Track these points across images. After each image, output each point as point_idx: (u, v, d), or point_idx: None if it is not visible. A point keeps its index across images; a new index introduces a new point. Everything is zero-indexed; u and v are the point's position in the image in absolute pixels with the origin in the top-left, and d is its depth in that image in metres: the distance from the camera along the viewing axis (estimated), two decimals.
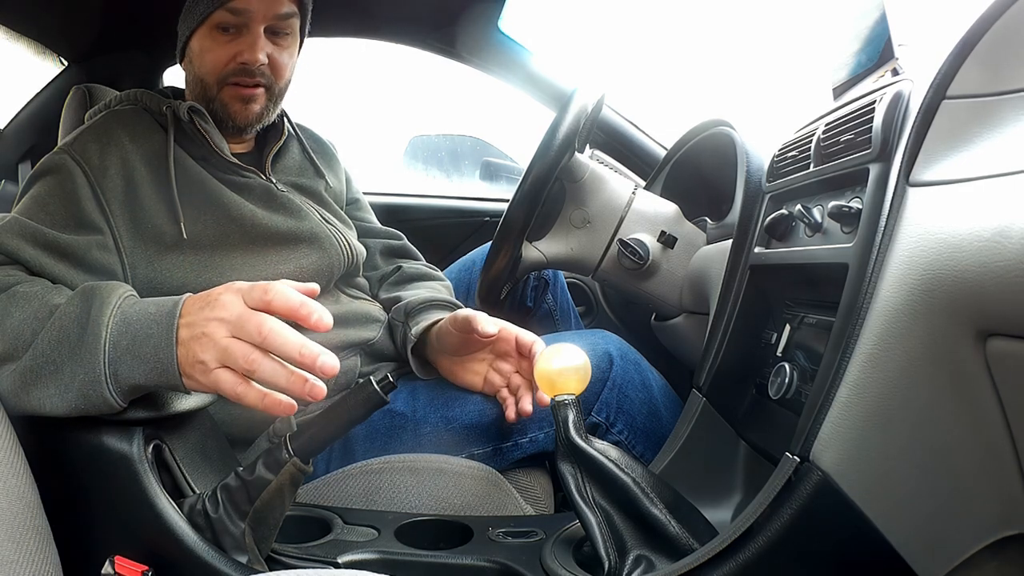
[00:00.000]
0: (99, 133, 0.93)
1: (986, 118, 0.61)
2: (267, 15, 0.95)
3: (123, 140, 0.93)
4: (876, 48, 0.84)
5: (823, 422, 0.63)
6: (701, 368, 0.95)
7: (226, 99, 0.98)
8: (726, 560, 0.65)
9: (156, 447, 0.75)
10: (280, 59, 0.99)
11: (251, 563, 0.74)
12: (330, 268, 1.05)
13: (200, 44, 0.97)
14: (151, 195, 0.92)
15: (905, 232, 0.61)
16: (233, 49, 0.96)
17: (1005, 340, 0.53)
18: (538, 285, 1.38)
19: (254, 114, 1.00)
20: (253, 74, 0.97)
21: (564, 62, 1.71)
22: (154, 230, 0.92)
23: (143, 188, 0.92)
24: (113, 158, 0.91)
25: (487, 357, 1.00)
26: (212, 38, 0.96)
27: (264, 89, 1.00)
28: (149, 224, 0.91)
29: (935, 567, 0.62)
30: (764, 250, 0.88)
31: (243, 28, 0.96)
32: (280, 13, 0.96)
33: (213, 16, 0.95)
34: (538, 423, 0.99)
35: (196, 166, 0.97)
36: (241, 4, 0.94)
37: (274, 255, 0.99)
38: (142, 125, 0.96)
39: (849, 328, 0.62)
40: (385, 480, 0.93)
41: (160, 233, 0.92)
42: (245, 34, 0.96)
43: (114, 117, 0.96)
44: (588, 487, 0.74)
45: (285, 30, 0.99)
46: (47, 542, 0.64)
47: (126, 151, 0.92)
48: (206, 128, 0.98)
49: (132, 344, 0.69)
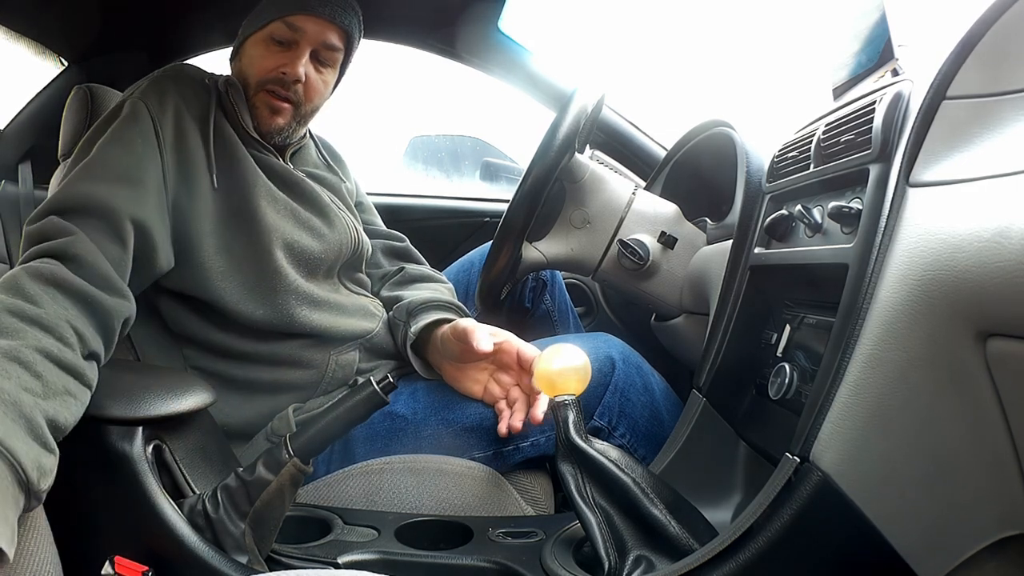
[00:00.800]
0: (157, 87, 0.99)
1: (986, 118, 0.61)
2: (316, 40, 1.05)
3: (176, 96, 1.00)
4: (876, 48, 0.84)
5: (823, 422, 0.63)
6: (701, 368, 0.95)
7: (258, 103, 1.06)
8: (726, 560, 0.65)
9: (156, 447, 0.75)
10: (315, 82, 1.07)
11: (251, 563, 0.74)
12: (339, 245, 1.08)
13: (253, 48, 1.06)
14: (195, 147, 0.99)
15: (905, 232, 0.61)
16: (279, 60, 1.04)
17: (1005, 340, 0.53)
18: (536, 286, 1.38)
19: (278, 125, 1.07)
20: (287, 87, 1.05)
21: (564, 62, 1.71)
22: (193, 179, 0.98)
23: (189, 139, 0.98)
24: (169, 107, 0.98)
25: (488, 367, 1.01)
26: (265, 46, 1.05)
27: (292, 106, 1.07)
28: (190, 172, 0.97)
29: (935, 567, 0.62)
30: (764, 250, 0.88)
31: (293, 44, 1.05)
32: (328, 42, 1.06)
33: (271, 26, 1.04)
34: (539, 426, 0.99)
35: (231, 131, 1.04)
36: (299, 22, 1.03)
37: (291, 219, 1.04)
38: (191, 89, 1.03)
39: (849, 328, 0.62)
40: (385, 481, 0.93)
41: (197, 182, 0.98)
42: (293, 49, 1.05)
43: (166, 77, 1.03)
44: (588, 487, 0.74)
45: (328, 61, 1.08)
46: (47, 542, 0.64)
47: (179, 105, 0.99)
48: (237, 101, 1.05)
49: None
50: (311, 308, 1.03)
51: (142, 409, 0.74)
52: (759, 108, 1.31)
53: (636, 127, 1.72)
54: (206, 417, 0.85)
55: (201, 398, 0.80)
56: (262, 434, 1.01)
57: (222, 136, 1.02)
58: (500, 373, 1.00)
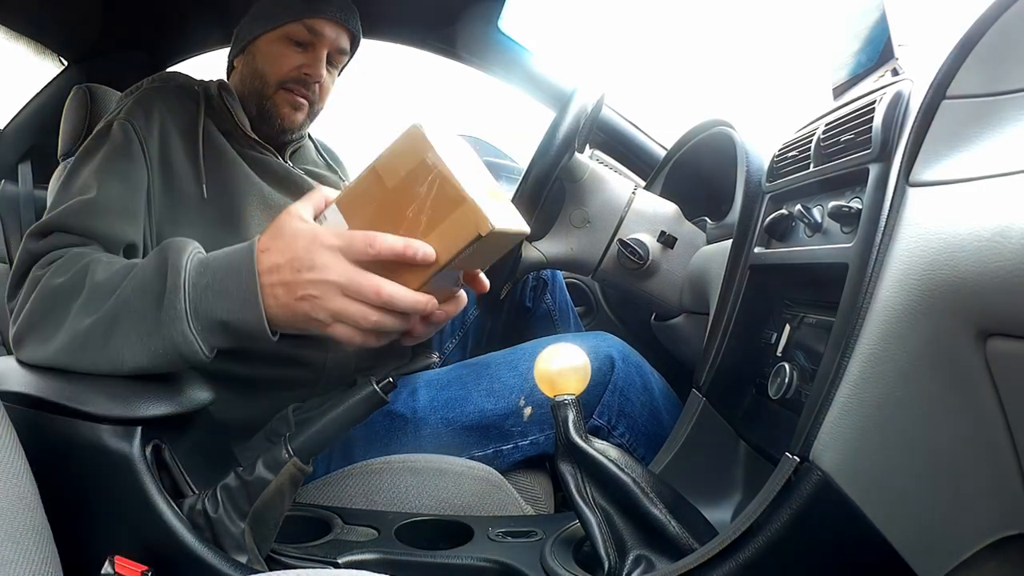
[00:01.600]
0: (142, 102, 1.00)
1: (986, 118, 0.61)
2: (333, 44, 1.09)
3: (162, 110, 1.01)
4: (876, 48, 0.83)
5: (823, 422, 0.63)
6: (701, 368, 0.95)
7: (279, 101, 1.09)
8: (726, 560, 0.65)
9: (156, 447, 0.75)
10: (327, 84, 1.12)
11: (251, 563, 0.74)
12: None
13: (270, 46, 1.08)
14: (181, 160, 0.99)
15: (905, 232, 0.61)
16: (300, 60, 1.07)
17: (1005, 340, 0.53)
18: (537, 285, 1.39)
19: (298, 121, 1.10)
20: (308, 87, 1.09)
21: (564, 62, 1.71)
22: (180, 192, 0.98)
23: (176, 154, 0.99)
24: (155, 124, 0.99)
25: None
26: (285, 44, 1.07)
27: (308, 104, 1.11)
28: (177, 186, 0.98)
29: (935, 567, 0.62)
30: (764, 250, 0.88)
31: (310, 46, 1.08)
32: (341, 47, 1.10)
33: (290, 27, 1.06)
34: (539, 425, 0.99)
35: (221, 137, 1.04)
36: (318, 26, 1.06)
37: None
38: (177, 100, 1.04)
39: (849, 328, 0.62)
40: (385, 480, 0.93)
41: (186, 195, 0.98)
42: (312, 51, 1.08)
43: (153, 92, 1.03)
44: (588, 487, 0.74)
45: (337, 63, 1.13)
46: (47, 542, 0.63)
47: (164, 120, 1.00)
48: (232, 104, 1.07)
49: (212, 280, 0.71)
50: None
51: (141, 409, 0.73)
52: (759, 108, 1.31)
53: (636, 127, 1.72)
54: (205, 417, 0.85)
55: (200, 397, 0.80)
56: (262, 434, 1.01)
57: (212, 145, 1.02)
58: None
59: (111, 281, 0.75)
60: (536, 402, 0.99)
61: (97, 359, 0.73)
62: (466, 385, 1.04)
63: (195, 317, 0.71)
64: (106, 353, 0.72)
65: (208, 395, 0.81)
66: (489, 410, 0.99)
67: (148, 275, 0.73)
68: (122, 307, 0.72)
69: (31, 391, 0.75)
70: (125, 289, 0.73)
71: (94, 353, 0.73)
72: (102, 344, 0.73)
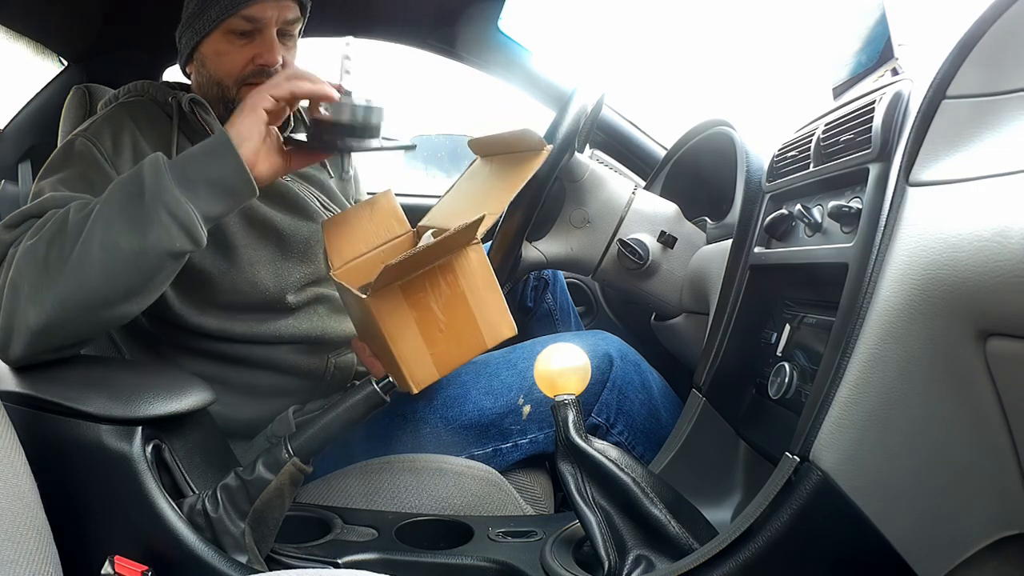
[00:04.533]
0: (111, 121, 0.97)
1: (986, 118, 0.61)
2: (278, 20, 1.00)
3: (132, 128, 0.98)
4: (876, 48, 0.83)
5: (823, 422, 0.63)
6: (701, 368, 0.95)
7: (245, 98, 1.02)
8: (726, 560, 0.65)
9: (156, 447, 0.75)
10: (289, 60, 1.03)
11: (251, 563, 0.74)
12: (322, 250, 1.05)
13: (214, 48, 1.01)
14: None
15: (905, 232, 0.61)
16: (250, 52, 1.00)
17: (1005, 340, 0.53)
18: (538, 285, 1.38)
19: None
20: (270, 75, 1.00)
21: (564, 62, 1.71)
22: None
23: None
24: (125, 143, 0.96)
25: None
26: (228, 42, 0.99)
27: None
28: None
29: (935, 567, 0.62)
30: (764, 250, 0.88)
31: (256, 33, 0.99)
32: (288, 19, 1.01)
33: (227, 22, 0.98)
34: (538, 424, 0.99)
35: None
36: (256, 12, 0.97)
37: (274, 238, 1.01)
38: (150, 114, 1.00)
39: (849, 328, 0.62)
40: (385, 480, 0.93)
41: None
42: (259, 38, 1.00)
43: (124, 108, 1.00)
44: (588, 487, 0.74)
45: (291, 32, 1.03)
46: (47, 542, 0.63)
47: (136, 137, 0.97)
48: (207, 119, 1.01)
49: (187, 155, 0.81)
50: (296, 318, 1.01)
51: (141, 409, 0.74)
52: (759, 108, 1.31)
53: (636, 127, 1.72)
54: (206, 417, 0.85)
55: (200, 398, 0.80)
56: (262, 435, 1.01)
57: None
58: None
59: (87, 206, 0.79)
60: (535, 401, 0.99)
61: (92, 271, 0.76)
62: (465, 384, 1.04)
63: (180, 185, 0.77)
64: (93, 247, 0.76)
65: (209, 395, 0.81)
66: (488, 409, 0.99)
67: (124, 178, 0.80)
68: (105, 208, 0.77)
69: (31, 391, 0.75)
70: (104, 200, 0.78)
71: (89, 266, 0.76)
72: (92, 240, 0.76)
